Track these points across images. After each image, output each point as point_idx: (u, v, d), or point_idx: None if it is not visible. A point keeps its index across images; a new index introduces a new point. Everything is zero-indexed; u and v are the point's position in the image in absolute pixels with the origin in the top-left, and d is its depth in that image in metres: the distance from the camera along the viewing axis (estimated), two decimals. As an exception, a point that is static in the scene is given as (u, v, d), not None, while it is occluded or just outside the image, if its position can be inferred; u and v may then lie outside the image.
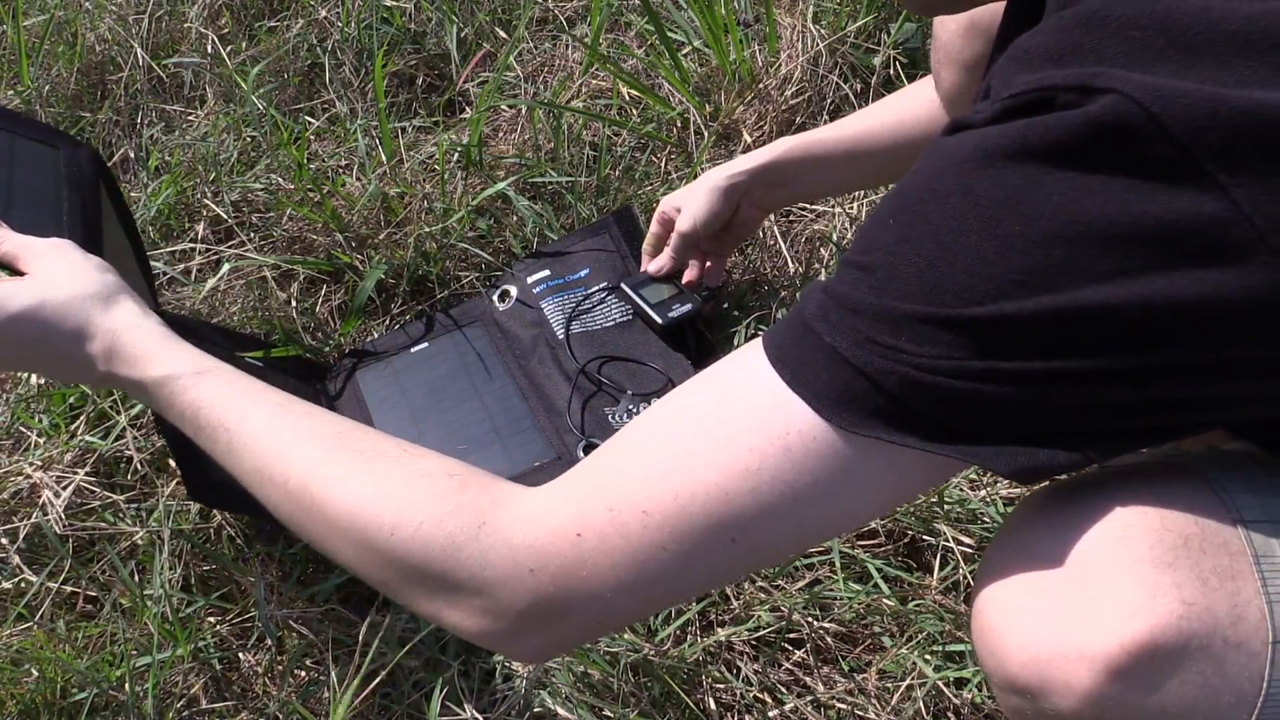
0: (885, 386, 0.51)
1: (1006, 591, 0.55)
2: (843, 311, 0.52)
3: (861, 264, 0.53)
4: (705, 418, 0.55)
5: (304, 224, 1.31)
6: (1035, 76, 0.50)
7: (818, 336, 0.53)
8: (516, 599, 0.56)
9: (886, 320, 0.51)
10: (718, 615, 0.95)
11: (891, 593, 0.93)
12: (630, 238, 1.23)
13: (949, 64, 0.87)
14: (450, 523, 0.57)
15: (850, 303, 0.52)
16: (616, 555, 0.54)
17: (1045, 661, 0.53)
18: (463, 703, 0.89)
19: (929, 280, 0.50)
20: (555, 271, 1.23)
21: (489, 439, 1.12)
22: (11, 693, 0.86)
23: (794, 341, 0.54)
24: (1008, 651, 0.54)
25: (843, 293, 0.53)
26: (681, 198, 1.13)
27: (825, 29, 1.43)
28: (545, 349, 1.17)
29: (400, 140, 1.40)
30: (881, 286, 0.51)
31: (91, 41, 1.57)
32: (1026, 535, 0.57)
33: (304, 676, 0.93)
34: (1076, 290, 0.47)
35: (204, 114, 1.52)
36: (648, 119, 1.41)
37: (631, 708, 0.85)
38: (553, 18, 1.63)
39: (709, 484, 0.54)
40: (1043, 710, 0.54)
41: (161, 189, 1.34)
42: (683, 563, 0.54)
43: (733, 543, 0.54)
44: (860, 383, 0.51)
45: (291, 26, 1.55)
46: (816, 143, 1.09)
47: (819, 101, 1.40)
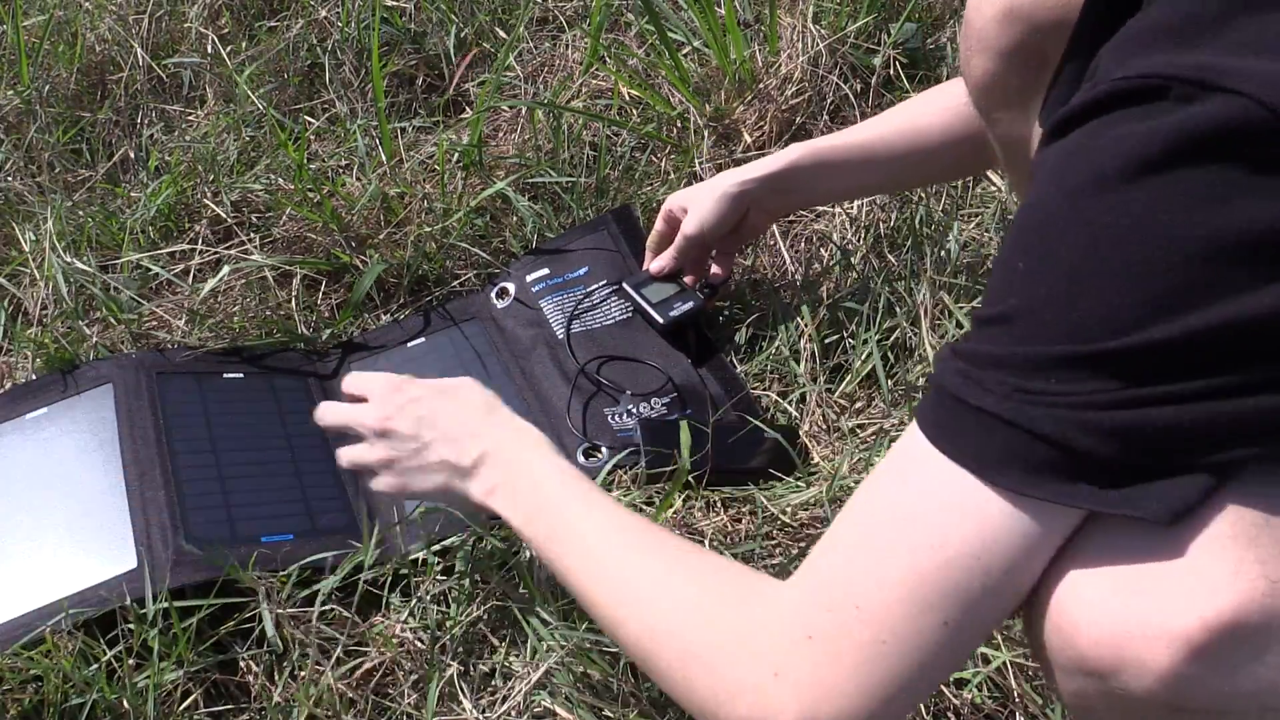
0: (1042, 433, 0.51)
1: (1078, 568, 0.53)
2: (985, 370, 0.53)
3: (995, 317, 0.53)
4: (891, 512, 0.56)
5: (304, 224, 1.31)
6: (1152, 61, 0.49)
7: (963, 402, 0.53)
8: (785, 707, 0.57)
9: (1032, 367, 0.51)
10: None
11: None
12: (629, 236, 1.23)
13: (983, 51, 0.83)
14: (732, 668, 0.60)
15: (991, 359, 0.52)
16: (844, 654, 0.56)
17: (1121, 639, 0.50)
18: (462, 702, 0.89)
19: (1070, 320, 0.50)
20: (554, 270, 1.22)
21: None
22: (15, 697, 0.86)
23: (943, 413, 0.55)
24: (1079, 629, 0.52)
25: (981, 351, 0.53)
26: (689, 198, 1.12)
27: (825, 29, 1.43)
28: (544, 348, 1.16)
29: (400, 140, 1.40)
30: (1021, 335, 0.51)
31: (91, 41, 1.57)
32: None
33: (303, 677, 0.93)
34: (1221, 305, 0.47)
35: (204, 114, 1.52)
36: (648, 119, 1.41)
37: (631, 708, 0.85)
38: (553, 18, 1.63)
39: (906, 573, 0.55)
40: (1112, 691, 0.52)
41: (161, 189, 1.33)
42: (903, 653, 0.55)
43: (944, 625, 0.55)
44: (1018, 437, 0.51)
45: (291, 26, 1.55)
46: (828, 149, 1.09)
47: (819, 101, 1.40)
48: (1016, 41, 0.80)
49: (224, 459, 1.06)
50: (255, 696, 0.92)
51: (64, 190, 1.39)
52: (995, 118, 0.86)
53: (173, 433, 1.06)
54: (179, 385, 1.11)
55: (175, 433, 1.06)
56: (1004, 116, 0.85)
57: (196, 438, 1.07)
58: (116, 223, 1.32)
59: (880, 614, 0.55)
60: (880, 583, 0.55)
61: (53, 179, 1.41)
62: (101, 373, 1.11)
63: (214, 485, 1.03)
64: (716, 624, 0.62)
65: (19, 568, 0.96)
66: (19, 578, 0.95)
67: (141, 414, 1.07)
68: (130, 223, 1.31)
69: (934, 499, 0.54)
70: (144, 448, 1.04)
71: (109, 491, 1.01)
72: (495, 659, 0.92)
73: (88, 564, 0.95)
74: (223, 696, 0.92)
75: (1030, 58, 0.79)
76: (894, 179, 1.11)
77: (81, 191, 1.41)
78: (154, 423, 1.06)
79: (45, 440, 1.06)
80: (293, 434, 1.11)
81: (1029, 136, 0.84)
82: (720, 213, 1.09)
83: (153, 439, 1.05)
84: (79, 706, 0.86)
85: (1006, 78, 0.82)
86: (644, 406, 1.10)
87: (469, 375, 1.07)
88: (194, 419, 1.08)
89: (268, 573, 0.94)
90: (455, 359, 1.17)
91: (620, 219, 1.24)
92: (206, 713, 0.91)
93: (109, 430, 1.06)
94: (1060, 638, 0.53)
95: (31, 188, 1.39)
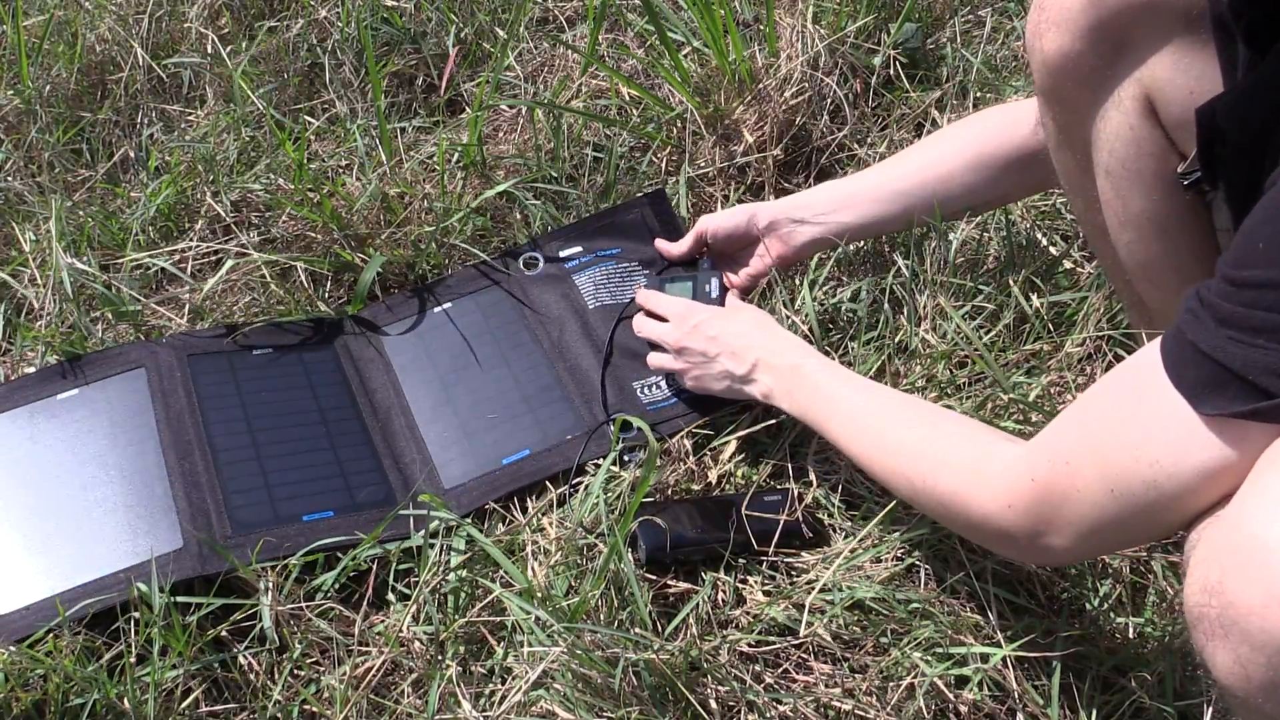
0: (1252, 378, 0.59)
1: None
2: (1215, 321, 0.61)
3: (1238, 280, 0.61)
4: (1116, 413, 0.69)
5: (304, 224, 1.31)
6: None
7: (1185, 339, 0.63)
8: (1019, 528, 0.75)
9: (1259, 329, 0.59)
10: (719, 615, 0.95)
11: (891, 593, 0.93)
12: (664, 220, 1.25)
13: (1060, 25, 0.82)
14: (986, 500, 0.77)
15: (1220, 315, 0.61)
16: (1070, 500, 0.70)
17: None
18: (462, 702, 0.89)
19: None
20: (587, 249, 1.24)
21: (520, 408, 1.12)
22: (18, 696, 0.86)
23: (1178, 349, 0.64)
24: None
25: (1217, 305, 0.62)
26: (718, 217, 1.19)
27: (825, 29, 1.43)
28: (573, 318, 1.18)
29: (400, 140, 1.40)
30: (1259, 301, 0.59)
31: (91, 41, 1.57)
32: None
33: (304, 676, 0.93)
34: None
35: (204, 114, 1.52)
36: (648, 119, 1.41)
37: (631, 708, 0.85)
38: (553, 18, 1.63)
39: (1125, 466, 0.67)
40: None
41: (161, 189, 1.33)
42: (1115, 513, 0.69)
43: (1132, 497, 0.67)
44: (1234, 381, 0.60)
45: (291, 26, 1.55)
46: (848, 184, 1.14)
47: (819, 101, 1.40)
48: (1102, 20, 0.80)
49: (260, 439, 1.08)
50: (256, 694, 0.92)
51: (64, 190, 1.39)
52: (1063, 97, 0.85)
53: (208, 415, 1.08)
54: (210, 366, 1.13)
55: (211, 414, 1.08)
56: (1073, 96, 0.84)
57: (232, 419, 1.09)
58: (117, 222, 1.32)
59: (1098, 485, 0.68)
60: (1105, 467, 0.68)
61: (53, 179, 1.41)
62: (132, 357, 1.12)
63: (253, 466, 1.05)
64: (967, 468, 0.79)
65: (66, 544, 0.98)
66: (67, 553, 0.97)
67: (176, 397, 1.09)
68: (130, 222, 1.31)
69: (1157, 428, 0.65)
70: (181, 430, 1.06)
71: (150, 473, 1.02)
72: (495, 659, 0.92)
73: (135, 543, 0.97)
74: (223, 695, 0.92)
75: (1112, 37, 0.79)
76: (913, 210, 1.11)
77: (81, 191, 1.41)
78: (189, 406, 1.08)
79: (78, 421, 1.07)
80: (325, 408, 1.13)
81: (1094, 118, 0.84)
82: (731, 218, 1.16)
83: (189, 422, 1.07)
84: (80, 706, 0.86)
85: (1084, 57, 0.82)
86: (671, 380, 1.12)
87: (498, 343, 1.16)
88: (228, 399, 1.10)
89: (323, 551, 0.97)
90: (483, 325, 1.19)
91: (655, 202, 1.26)
92: (207, 712, 0.91)
93: (144, 413, 1.07)
94: (1266, 597, 0.52)
95: (31, 188, 1.39)
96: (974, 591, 0.94)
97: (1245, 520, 0.55)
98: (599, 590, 0.90)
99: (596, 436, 1.08)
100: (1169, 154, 0.82)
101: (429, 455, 1.10)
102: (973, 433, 0.83)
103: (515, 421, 1.11)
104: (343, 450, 1.09)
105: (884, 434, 0.88)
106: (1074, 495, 0.70)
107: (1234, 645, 0.54)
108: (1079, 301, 1.14)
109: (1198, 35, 0.76)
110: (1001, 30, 1.54)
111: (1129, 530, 0.70)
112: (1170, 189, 0.83)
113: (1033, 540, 0.74)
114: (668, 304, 1.11)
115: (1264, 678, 0.53)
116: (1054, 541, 0.73)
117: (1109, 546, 0.84)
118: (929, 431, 0.85)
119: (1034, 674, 0.89)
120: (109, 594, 0.92)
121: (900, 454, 0.85)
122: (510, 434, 1.10)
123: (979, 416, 1.02)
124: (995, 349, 1.10)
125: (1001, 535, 0.77)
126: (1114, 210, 0.87)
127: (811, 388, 0.95)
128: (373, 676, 0.92)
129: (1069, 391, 1.07)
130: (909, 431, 0.86)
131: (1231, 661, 0.54)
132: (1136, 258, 0.88)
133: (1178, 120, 0.78)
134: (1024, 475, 0.74)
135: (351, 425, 1.12)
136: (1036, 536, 0.74)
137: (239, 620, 0.94)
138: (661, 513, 0.98)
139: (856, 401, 0.92)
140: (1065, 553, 0.74)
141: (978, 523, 0.78)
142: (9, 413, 1.08)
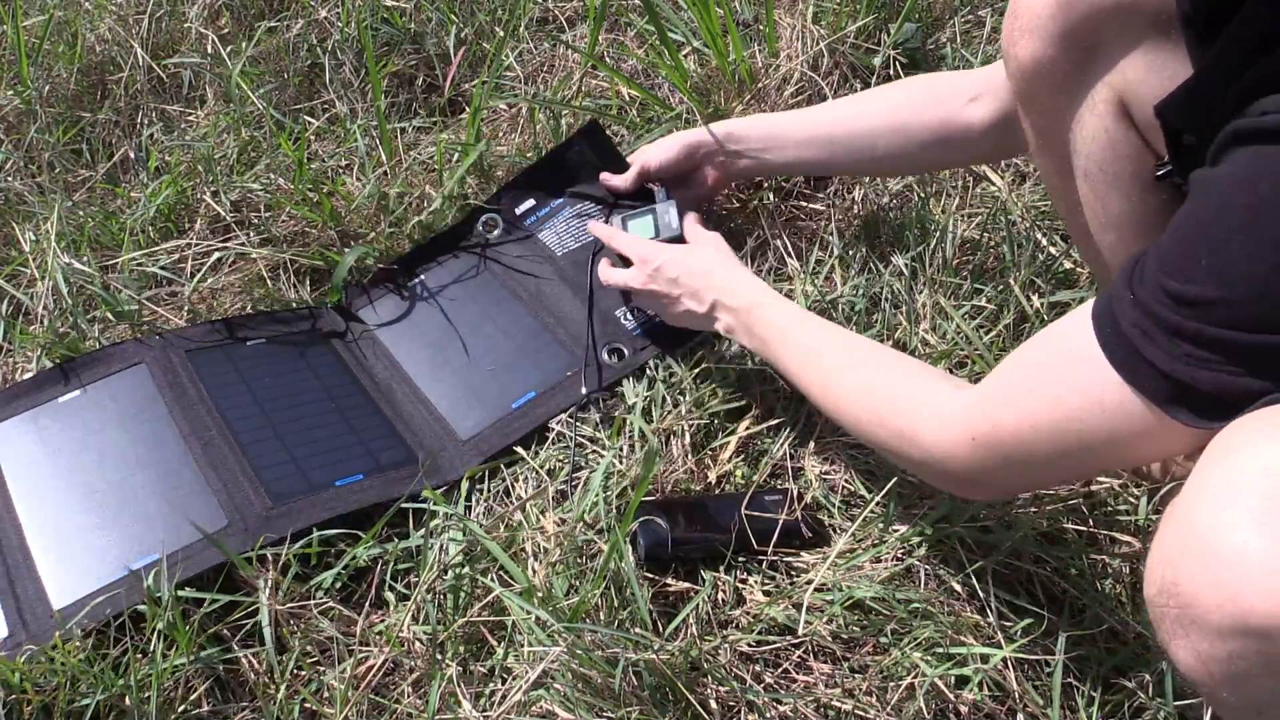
0: (1202, 389, 0.62)
1: (1242, 517, 0.52)
2: (1166, 336, 0.64)
3: (1185, 297, 0.62)
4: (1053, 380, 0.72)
5: (304, 223, 1.31)
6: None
7: (1140, 355, 0.65)
8: (958, 471, 0.80)
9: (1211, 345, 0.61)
10: (719, 615, 0.95)
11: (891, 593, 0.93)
12: (600, 150, 1.28)
13: (1033, 32, 0.83)
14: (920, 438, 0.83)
15: (1170, 327, 0.63)
16: (994, 452, 0.76)
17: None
18: (462, 702, 0.89)
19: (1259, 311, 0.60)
20: (540, 201, 1.28)
21: (515, 356, 1.16)
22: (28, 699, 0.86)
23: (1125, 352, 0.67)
24: (1247, 582, 0.51)
25: (1166, 319, 0.64)
26: (656, 141, 1.24)
27: (825, 29, 1.43)
28: (545, 265, 1.23)
29: (400, 140, 1.40)
30: (1206, 317, 0.61)
31: (91, 41, 1.57)
32: (1253, 459, 0.54)
33: (304, 675, 0.93)
34: None
35: (204, 114, 1.52)
36: (648, 119, 1.41)
37: (631, 708, 0.85)
38: (553, 18, 1.63)
39: (1052, 423, 0.72)
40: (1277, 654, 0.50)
41: (161, 189, 1.33)
42: (1038, 465, 0.75)
43: (1064, 455, 0.73)
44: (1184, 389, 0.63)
45: (291, 27, 1.55)
46: (780, 123, 1.19)
47: (819, 101, 1.40)
48: (1072, 26, 0.80)
49: (275, 418, 1.10)
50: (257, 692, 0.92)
51: (64, 190, 1.39)
52: (1038, 103, 0.86)
53: (219, 402, 1.09)
54: (209, 358, 1.14)
55: (221, 402, 1.09)
56: (1048, 102, 0.85)
57: (243, 404, 1.10)
58: (116, 223, 1.32)
59: (1022, 439, 0.74)
60: (1036, 424, 0.73)
61: (53, 179, 1.41)
62: (130, 355, 1.13)
63: (275, 444, 1.07)
64: (912, 411, 0.83)
65: (117, 529, 0.98)
66: (126, 533, 0.98)
67: (182, 388, 1.10)
68: (130, 223, 1.31)
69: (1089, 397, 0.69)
70: (197, 419, 1.07)
71: (175, 461, 1.04)
72: (494, 659, 0.92)
73: (182, 526, 0.98)
74: (225, 693, 0.92)
75: (1083, 41, 0.80)
76: (838, 161, 1.17)
77: (81, 191, 1.41)
78: (198, 394, 1.09)
79: (86, 422, 1.08)
80: (329, 385, 1.15)
81: (1070, 123, 0.84)
82: (670, 152, 1.20)
83: (203, 409, 1.08)
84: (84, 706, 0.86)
85: (1056, 62, 0.82)
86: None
87: (479, 302, 1.21)
88: (235, 386, 1.12)
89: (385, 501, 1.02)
90: (460, 288, 1.24)
91: (590, 135, 1.29)
92: (209, 710, 0.91)
93: (155, 406, 1.08)
94: (1221, 595, 0.52)
95: (31, 188, 1.39)
96: (974, 591, 0.94)
97: (1194, 519, 0.55)
98: (599, 590, 0.90)
99: (590, 369, 1.14)
100: (1145, 155, 0.83)
101: (439, 414, 1.14)
102: (920, 376, 0.87)
103: (514, 369, 1.16)
104: (355, 421, 1.12)
105: (834, 373, 0.92)
106: (1010, 444, 0.76)
107: (1194, 643, 0.54)
108: (1079, 301, 1.14)
109: (1168, 37, 0.76)
110: (1001, 30, 1.54)
111: (1062, 471, 0.79)
112: (1149, 189, 0.84)
113: (974, 482, 0.81)
114: (630, 246, 1.15)
115: (1225, 671, 0.53)
116: (990, 480, 0.80)
117: (1041, 485, 0.95)
118: (875, 375, 0.90)
119: (1034, 674, 0.89)
120: (188, 563, 0.94)
121: (848, 394, 0.90)
122: (512, 380, 1.15)
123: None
124: (995, 349, 1.10)
125: (942, 475, 0.83)
126: (1095, 213, 0.88)
127: (765, 325, 1.00)
128: (373, 676, 0.92)
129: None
130: (857, 372, 0.91)
131: (1194, 659, 0.54)
132: (1120, 258, 0.88)
133: (1151, 121, 0.78)
134: (961, 425, 0.79)
135: (358, 399, 1.15)
136: (974, 479, 0.80)
137: (239, 620, 0.94)
138: (661, 511, 0.98)
139: (808, 341, 0.96)
140: (999, 493, 0.88)
141: (919, 463, 0.84)
142: (11, 420, 1.08)
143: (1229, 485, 0.54)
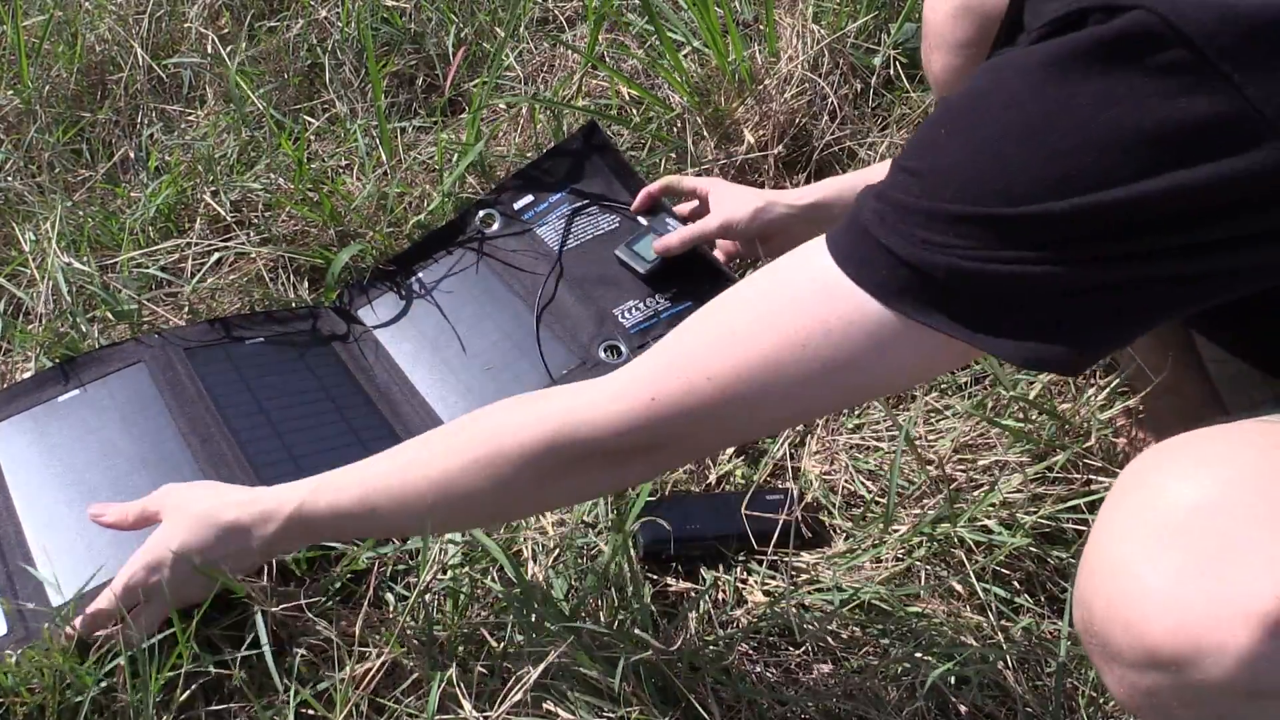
0: (935, 277, 0.59)
1: (1141, 552, 0.52)
2: (898, 215, 0.60)
3: (913, 170, 0.61)
4: (766, 301, 0.66)
5: (304, 223, 1.31)
6: (1065, 3, 0.57)
7: (874, 239, 0.61)
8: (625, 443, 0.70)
9: (939, 220, 0.58)
10: (719, 615, 0.94)
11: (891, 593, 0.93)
12: (600, 150, 1.29)
13: (940, 48, 0.89)
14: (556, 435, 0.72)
15: (904, 206, 0.60)
16: (690, 410, 0.67)
17: (1195, 625, 0.49)
18: (462, 702, 0.89)
19: (979, 185, 0.57)
20: (538, 197, 1.29)
21: (513, 355, 1.16)
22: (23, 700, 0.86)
23: (855, 243, 0.63)
24: (1149, 618, 0.51)
25: (897, 199, 0.61)
26: (726, 194, 1.18)
27: (825, 29, 1.43)
28: (542, 261, 1.24)
29: (400, 140, 1.40)
30: (933, 191, 0.59)
31: (91, 41, 1.57)
32: (1154, 492, 0.54)
33: (303, 676, 0.93)
34: (1107, 190, 0.54)
35: (204, 114, 1.52)
36: (648, 119, 1.41)
37: (631, 708, 0.85)
38: (553, 18, 1.63)
39: (764, 355, 0.64)
40: (1188, 683, 0.50)
41: (161, 189, 1.33)
42: (748, 413, 0.67)
43: (785, 398, 0.65)
44: (914, 276, 0.59)
45: (291, 26, 1.55)
46: (862, 181, 1.13)
47: (819, 102, 1.40)
48: (970, 36, 0.87)
49: (274, 417, 1.09)
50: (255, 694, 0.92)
51: (64, 190, 1.39)
52: None
53: (219, 400, 1.09)
54: (208, 357, 1.14)
55: (221, 400, 1.09)
56: None
57: (243, 402, 1.10)
58: (116, 223, 1.32)
59: (732, 385, 0.66)
60: (738, 363, 0.65)
61: (53, 179, 1.41)
62: (128, 353, 1.13)
63: (274, 442, 1.07)
64: (553, 418, 0.72)
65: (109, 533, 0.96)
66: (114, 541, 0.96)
67: (181, 386, 1.10)
68: (130, 223, 1.31)
69: (810, 305, 0.63)
70: (197, 417, 1.07)
71: (175, 458, 1.04)
72: (495, 659, 0.92)
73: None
74: (223, 695, 0.92)
75: (985, 49, 0.84)
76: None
77: (81, 191, 1.41)
78: (197, 392, 1.09)
79: (86, 419, 1.07)
80: (327, 385, 1.16)
81: None
82: (750, 230, 1.15)
83: (202, 407, 1.08)
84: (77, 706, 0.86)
85: (964, 70, 0.88)
86: (649, 301, 1.19)
87: (478, 301, 1.20)
88: (234, 385, 1.12)
89: None
90: (459, 285, 1.24)
91: (588, 136, 1.30)
92: (207, 712, 0.91)
93: (154, 405, 1.08)
94: (1129, 633, 0.52)
95: (31, 188, 1.39)
96: (974, 591, 0.94)
97: (1100, 558, 0.55)
98: (599, 590, 0.90)
99: (588, 366, 1.14)
100: None
101: (437, 416, 1.14)
102: (538, 394, 0.77)
103: (513, 368, 1.15)
104: (354, 421, 1.12)
105: (441, 468, 0.77)
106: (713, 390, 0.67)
107: (1121, 674, 0.54)
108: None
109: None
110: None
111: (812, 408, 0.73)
112: None
113: (656, 446, 0.71)
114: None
115: (1150, 702, 0.53)
116: (682, 440, 0.71)
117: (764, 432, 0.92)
118: (482, 433, 0.76)
119: (1034, 674, 0.89)
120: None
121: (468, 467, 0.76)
122: (511, 380, 1.15)
123: (979, 416, 1.02)
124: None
125: (616, 455, 0.72)
126: None
127: (330, 504, 0.82)
128: (373, 677, 0.92)
129: (1069, 390, 1.07)
130: (450, 461, 0.77)
131: (1125, 689, 0.55)
132: None
133: None
134: (643, 394, 0.70)
135: (356, 399, 1.15)
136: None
137: (239, 619, 0.94)
138: (661, 509, 0.98)
139: (389, 485, 0.80)
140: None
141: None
142: (11, 419, 1.08)
143: (1129, 521, 0.54)
